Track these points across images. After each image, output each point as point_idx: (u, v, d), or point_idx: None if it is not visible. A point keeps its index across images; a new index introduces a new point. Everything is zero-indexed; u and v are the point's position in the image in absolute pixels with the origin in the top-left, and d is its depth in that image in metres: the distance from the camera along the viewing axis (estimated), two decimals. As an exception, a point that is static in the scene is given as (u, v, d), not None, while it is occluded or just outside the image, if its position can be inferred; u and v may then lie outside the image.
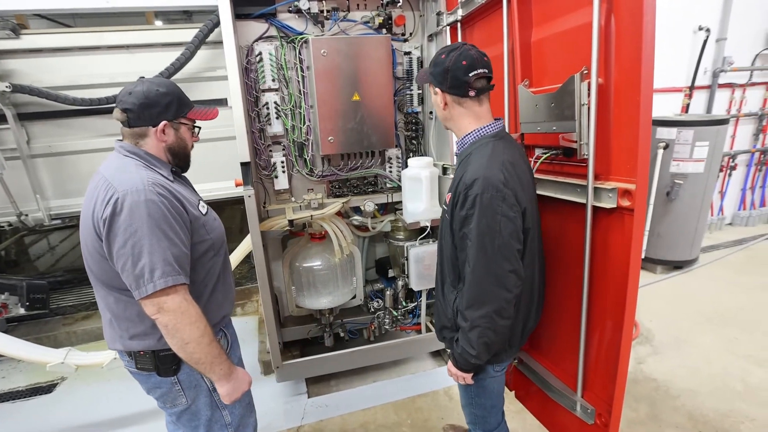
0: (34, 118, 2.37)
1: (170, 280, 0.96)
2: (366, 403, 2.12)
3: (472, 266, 1.04)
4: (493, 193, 1.00)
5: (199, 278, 1.11)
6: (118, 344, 1.10)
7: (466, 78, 1.06)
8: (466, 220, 1.05)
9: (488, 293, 1.03)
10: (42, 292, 2.41)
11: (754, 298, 2.91)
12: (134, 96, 1.05)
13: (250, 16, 1.89)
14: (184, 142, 1.15)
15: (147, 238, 0.95)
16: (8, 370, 2.57)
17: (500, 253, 1.01)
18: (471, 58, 1.06)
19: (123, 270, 0.96)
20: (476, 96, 1.09)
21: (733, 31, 3.68)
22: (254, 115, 1.99)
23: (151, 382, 1.13)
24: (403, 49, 2.12)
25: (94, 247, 1.02)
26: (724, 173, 4.12)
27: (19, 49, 2.24)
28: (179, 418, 1.18)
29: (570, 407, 1.33)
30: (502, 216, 1.01)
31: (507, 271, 1.02)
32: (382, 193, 2.23)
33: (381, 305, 2.35)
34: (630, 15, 1.00)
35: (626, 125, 1.06)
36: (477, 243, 1.02)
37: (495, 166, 1.03)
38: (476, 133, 1.12)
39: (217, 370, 1.05)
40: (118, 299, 1.05)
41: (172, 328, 0.98)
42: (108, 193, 0.97)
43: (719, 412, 1.93)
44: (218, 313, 1.19)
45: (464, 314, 1.07)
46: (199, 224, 1.10)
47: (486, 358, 1.11)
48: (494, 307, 1.03)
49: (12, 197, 2.39)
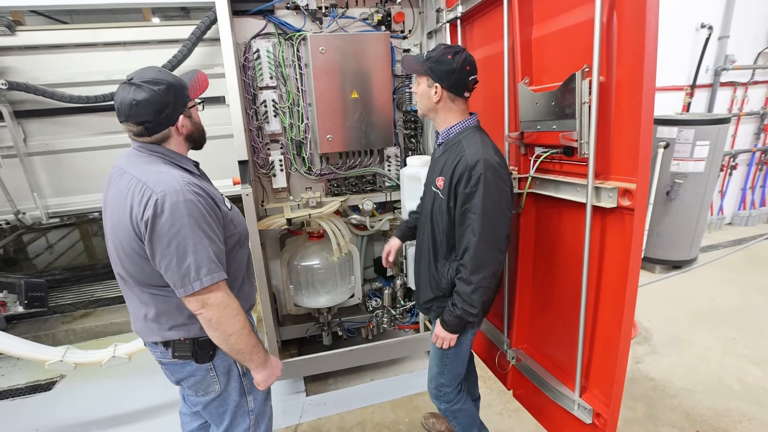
0: (31, 115, 2.35)
1: (216, 276, 0.99)
2: (364, 401, 2.12)
3: (478, 236, 1.18)
4: (493, 172, 1.17)
5: (232, 271, 1.13)
6: (157, 336, 1.10)
7: (467, 81, 1.24)
8: (469, 197, 1.18)
9: (490, 257, 1.20)
10: (40, 290, 2.41)
11: (752, 298, 2.91)
12: (143, 106, 0.99)
13: (248, 12, 1.87)
14: (198, 123, 1.15)
15: (190, 238, 0.96)
16: (7, 368, 2.58)
17: (499, 221, 1.19)
18: (473, 64, 1.24)
19: (167, 269, 0.97)
20: (468, 96, 1.27)
21: (735, 29, 3.66)
22: (252, 113, 1.97)
23: (186, 371, 1.13)
24: (402, 47, 2.10)
25: (132, 249, 1.01)
26: (725, 173, 4.11)
27: (14, 46, 2.21)
28: (207, 406, 1.19)
29: (568, 406, 1.33)
30: (502, 191, 1.19)
31: (503, 236, 1.21)
32: (381, 192, 2.22)
33: (379, 304, 2.35)
34: (632, 12, 0.99)
35: (627, 124, 1.05)
36: (482, 214, 1.17)
37: (490, 150, 1.21)
38: (461, 124, 1.29)
39: (255, 359, 1.09)
40: (155, 296, 1.07)
41: (216, 322, 1.01)
42: (146, 195, 0.96)
43: (716, 411, 1.94)
44: (247, 303, 1.21)
45: (468, 279, 1.21)
46: (228, 220, 1.12)
47: (482, 315, 1.35)
48: (493, 268, 1.21)
49: (9, 195, 2.38)
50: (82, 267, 3.39)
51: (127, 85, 1.01)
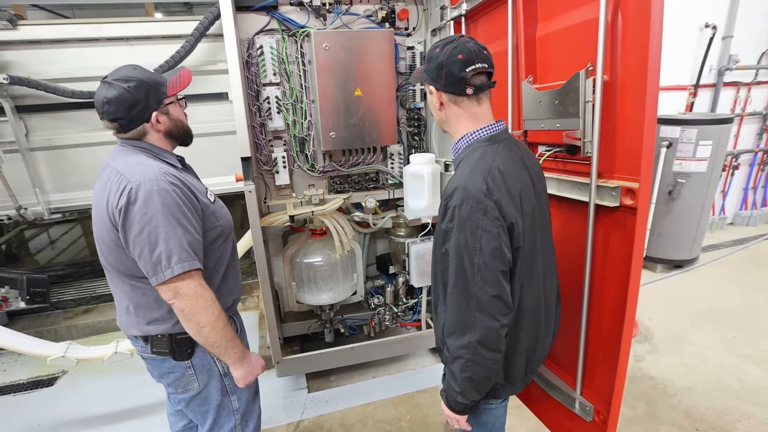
0: (33, 110, 2.35)
1: (186, 265, 0.99)
2: (365, 398, 2.13)
3: (451, 288, 0.91)
4: (473, 204, 0.86)
5: (211, 264, 1.14)
6: (135, 330, 1.12)
7: (462, 74, 0.92)
8: (447, 235, 0.92)
9: (469, 320, 0.88)
10: (42, 286, 2.41)
11: (753, 298, 2.91)
12: (113, 104, 1.03)
13: (251, 8, 1.86)
14: (179, 120, 1.15)
15: (162, 226, 0.97)
16: (9, 363, 2.59)
17: (481, 274, 0.87)
18: (468, 52, 0.92)
19: (140, 257, 0.98)
20: (474, 94, 0.96)
21: (739, 29, 3.64)
22: (255, 110, 1.97)
23: (164, 367, 1.14)
24: (406, 44, 2.09)
25: (110, 238, 1.03)
26: (727, 172, 4.10)
27: (16, 40, 2.21)
28: (189, 404, 1.20)
29: (569, 404, 1.34)
30: (483, 231, 0.86)
31: (490, 296, 0.87)
32: (384, 190, 2.22)
33: (381, 301, 2.35)
34: (637, 11, 0.99)
35: (631, 123, 1.05)
36: (455, 261, 0.89)
37: (479, 174, 0.90)
38: (469, 137, 0.99)
39: (231, 354, 1.08)
40: (135, 287, 1.08)
41: (188, 313, 1.01)
42: (121, 184, 0.99)
43: (716, 410, 1.94)
44: (229, 298, 1.21)
45: (446, 342, 0.94)
46: (209, 212, 1.12)
47: (473, 398, 0.96)
48: (477, 336, 0.88)
49: (11, 191, 2.38)
50: (84, 263, 3.40)
51: (102, 83, 1.05)
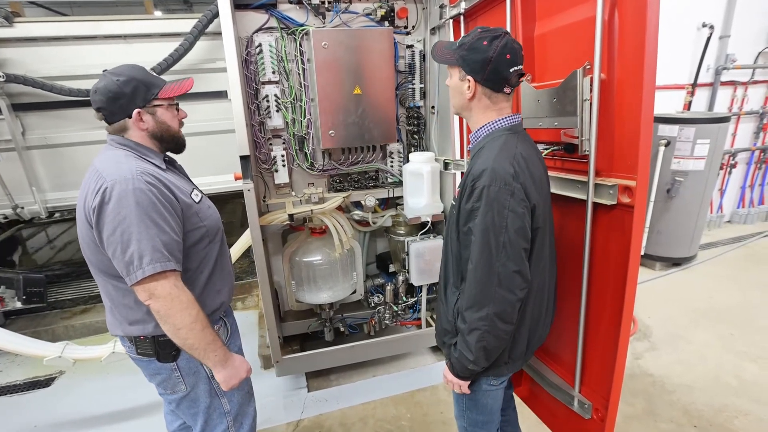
0: (29, 108, 2.34)
1: (158, 266, 0.97)
2: (365, 397, 2.13)
3: (474, 264, 0.98)
4: (501, 186, 0.94)
5: (194, 266, 1.12)
6: (119, 330, 1.12)
7: (507, 74, 0.99)
8: (472, 214, 0.98)
9: (490, 293, 0.96)
10: (39, 286, 2.40)
11: (750, 296, 2.93)
12: (99, 93, 1.05)
13: (250, 6, 1.85)
14: (165, 124, 1.13)
15: (135, 226, 0.96)
16: (6, 363, 2.57)
17: (505, 251, 0.94)
18: (515, 52, 0.99)
19: (114, 257, 0.99)
20: (509, 93, 1.03)
21: (736, 28, 3.66)
22: (254, 108, 1.97)
23: (151, 368, 1.14)
24: (405, 42, 2.09)
25: (89, 237, 1.03)
26: (725, 171, 4.13)
27: (12, 37, 2.19)
28: (179, 405, 1.20)
29: (567, 402, 1.34)
30: (510, 211, 0.94)
31: (511, 271, 0.95)
32: (383, 188, 2.22)
33: (381, 300, 2.35)
34: (634, 10, 0.99)
35: (628, 121, 1.05)
36: (481, 239, 0.96)
37: (505, 158, 0.97)
38: (490, 125, 1.05)
39: (211, 357, 1.06)
40: (116, 287, 1.07)
41: (164, 314, 0.99)
42: (98, 183, 0.98)
43: (713, 407, 1.96)
44: (216, 300, 1.19)
45: (463, 315, 1.02)
46: (192, 212, 1.10)
47: (484, 365, 1.05)
48: (496, 309, 0.96)
49: (7, 189, 2.37)
50: (82, 262, 3.38)
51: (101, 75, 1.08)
